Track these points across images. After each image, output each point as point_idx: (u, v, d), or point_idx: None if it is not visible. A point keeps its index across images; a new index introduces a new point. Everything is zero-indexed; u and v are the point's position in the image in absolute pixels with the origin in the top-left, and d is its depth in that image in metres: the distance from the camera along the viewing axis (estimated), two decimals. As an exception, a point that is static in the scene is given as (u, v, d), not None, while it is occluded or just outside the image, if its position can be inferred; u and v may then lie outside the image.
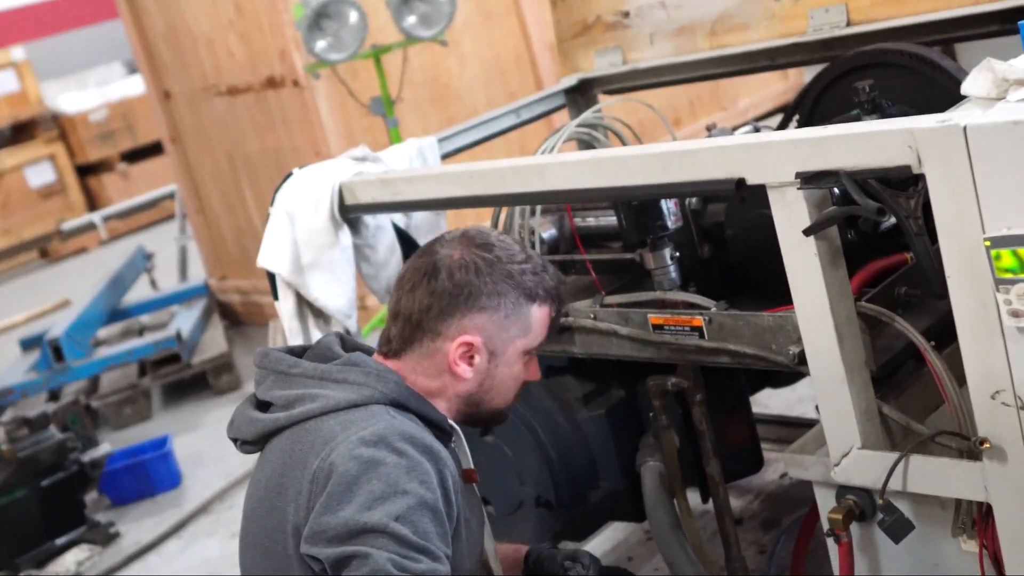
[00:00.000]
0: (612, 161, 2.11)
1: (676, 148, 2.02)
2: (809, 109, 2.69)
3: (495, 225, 2.57)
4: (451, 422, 1.99)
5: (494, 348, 1.98)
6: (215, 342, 5.74)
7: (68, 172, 10.27)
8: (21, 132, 10.30)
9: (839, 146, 1.79)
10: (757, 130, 2.91)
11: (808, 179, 1.82)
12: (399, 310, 1.99)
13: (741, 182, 1.91)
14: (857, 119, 2.33)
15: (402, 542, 1.72)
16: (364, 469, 1.77)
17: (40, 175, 10.15)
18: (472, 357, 1.97)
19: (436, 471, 1.82)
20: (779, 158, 1.86)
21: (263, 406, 1.99)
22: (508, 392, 2.04)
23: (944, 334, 1.97)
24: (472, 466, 2.06)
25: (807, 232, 1.86)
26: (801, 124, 2.70)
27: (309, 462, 1.83)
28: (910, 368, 2.18)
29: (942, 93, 2.39)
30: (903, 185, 1.85)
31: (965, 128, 1.64)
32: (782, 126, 2.77)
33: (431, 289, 1.95)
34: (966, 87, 1.79)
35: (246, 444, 1.99)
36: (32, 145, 10.19)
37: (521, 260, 1.99)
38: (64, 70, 10.85)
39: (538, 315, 2.01)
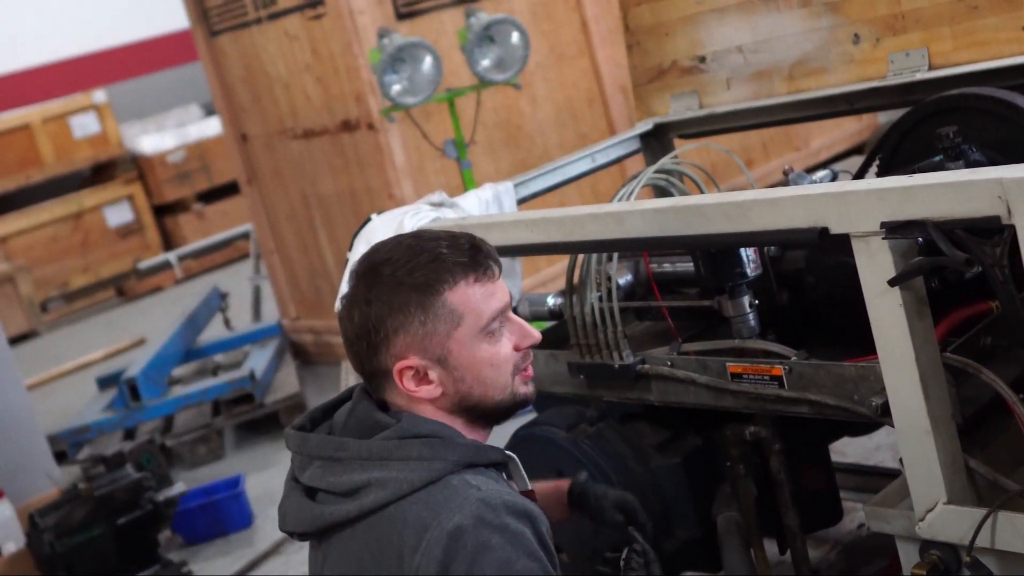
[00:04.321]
0: (693, 209, 2.09)
1: (758, 196, 2.01)
2: (890, 154, 2.66)
3: (571, 272, 2.56)
4: (506, 452, 1.91)
5: (435, 354, 1.84)
6: (288, 382, 5.78)
7: (145, 212, 10.46)
8: (101, 173, 10.52)
9: (926, 196, 1.76)
10: (835, 175, 2.89)
11: (894, 229, 1.80)
12: (355, 370, 1.94)
13: (824, 231, 1.89)
14: (941, 165, 2.30)
15: None
16: (474, 558, 1.69)
17: (119, 215, 10.35)
18: (424, 375, 1.85)
19: (534, 532, 1.76)
20: (864, 207, 1.84)
21: (311, 492, 1.87)
22: (495, 375, 1.88)
23: (1033, 386, 1.93)
24: (530, 487, 1.98)
25: (893, 282, 1.83)
26: (881, 169, 2.66)
27: (405, 556, 1.73)
28: (997, 421, 2.13)
29: (1027, 138, 2.36)
30: (988, 233, 1.82)
31: (1057, 178, 1.61)
32: (861, 171, 2.74)
33: (351, 341, 1.88)
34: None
35: (304, 536, 1.90)
36: (111, 185, 10.41)
37: (407, 260, 1.84)
38: (143, 112, 11.08)
39: (457, 297, 1.84)
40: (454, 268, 1.85)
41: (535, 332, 1.94)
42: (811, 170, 2.88)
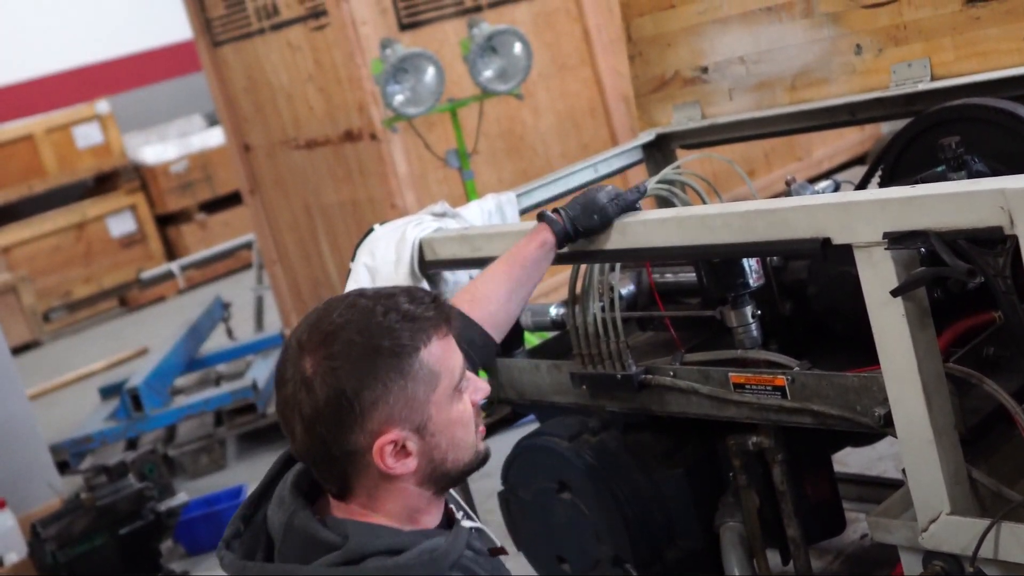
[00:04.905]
0: (695, 219, 2.09)
1: (760, 207, 2.01)
2: (892, 164, 2.66)
3: (573, 282, 2.56)
4: (460, 522, 1.78)
5: (416, 423, 1.68)
6: (290, 392, 5.77)
7: (148, 222, 10.47)
8: (104, 183, 10.54)
9: (929, 206, 1.77)
10: (838, 186, 2.89)
11: (896, 239, 1.80)
12: (301, 456, 1.72)
13: (827, 242, 1.89)
14: (943, 176, 2.30)
15: None
16: None
17: (121, 225, 10.36)
18: (403, 447, 1.67)
19: None
20: (866, 218, 1.84)
21: None
22: (465, 435, 1.75)
23: (1036, 396, 1.93)
24: (497, 544, 1.88)
25: (895, 293, 1.84)
26: (884, 180, 2.67)
27: None
28: (1000, 431, 2.12)
29: (1029, 149, 2.36)
30: (991, 243, 1.82)
31: (1059, 189, 1.62)
32: (864, 182, 2.75)
33: (309, 423, 1.65)
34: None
35: None
36: (114, 195, 10.42)
37: (372, 322, 1.66)
38: (146, 122, 11.10)
39: (433, 355, 1.68)
40: (426, 325, 1.69)
41: (486, 385, 1.82)
42: (813, 180, 2.89)
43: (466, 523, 1.82)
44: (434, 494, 1.75)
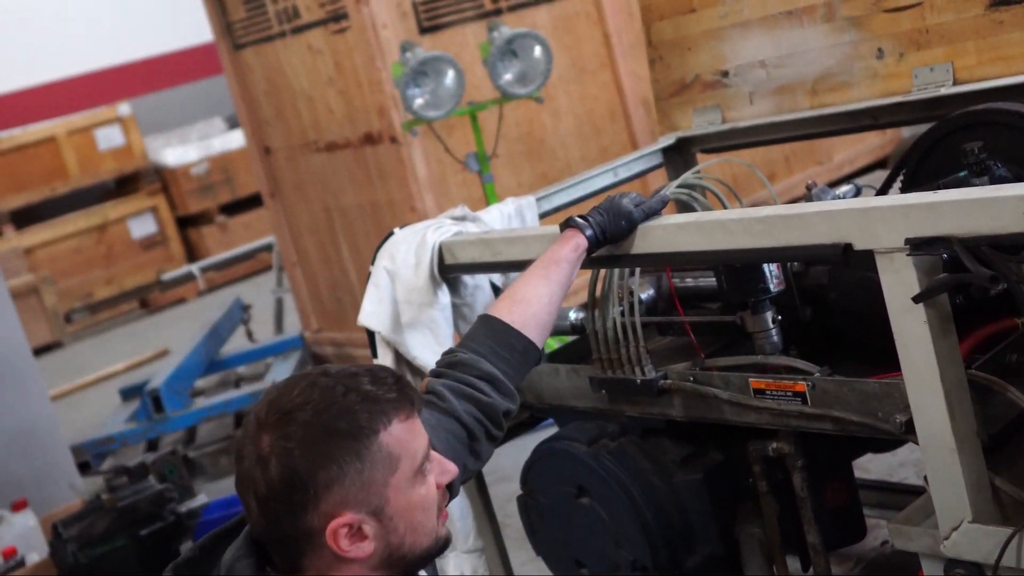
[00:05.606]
0: (715, 224, 2.09)
1: (781, 212, 2.00)
2: (914, 169, 2.65)
3: (593, 286, 2.55)
4: None
5: (373, 506, 1.65)
6: (310, 394, 5.79)
7: (169, 224, 10.53)
8: (125, 185, 10.60)
9: (952, 212, 1.75)
10: (859, 190, 2.88)
11: (918, 245, 1.79)
12: (256, 533, 1.70)
13: (848, 248, 1.88)
14: (966, 181, 2.29)
15: None
16: None
17: (142, 226, 10.41)
18: (359, 530, 1.65)
19: None
20: (888, 224, 1.83)
21: None
22: (425, 520, 1.72)
23: (1059, 404, 1.91)
24: None
25: (917, 299, 1.82)
26: (906, 184, 2.65)
27: None
28: (1022, 439, 2.11)
29: (1053, 154, 2.35)
30: (1014, 249, 1.81)
31: (1084, 195, 1.60)
32: (885, 186, 2.73)
33: (263, 501, 1.63)
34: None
35: None
36: (135, 197, 10.48)
37: (330, 402, 1.63)
38: (168, 125, 11.15)
39: (392, 437, 1.66)
40: (387, 407, 1.66)
41: (453, 466, 1.80)
42: (834, 184, 2.87)
43: None
44: None
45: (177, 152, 10.57)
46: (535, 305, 2.24)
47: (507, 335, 2.18)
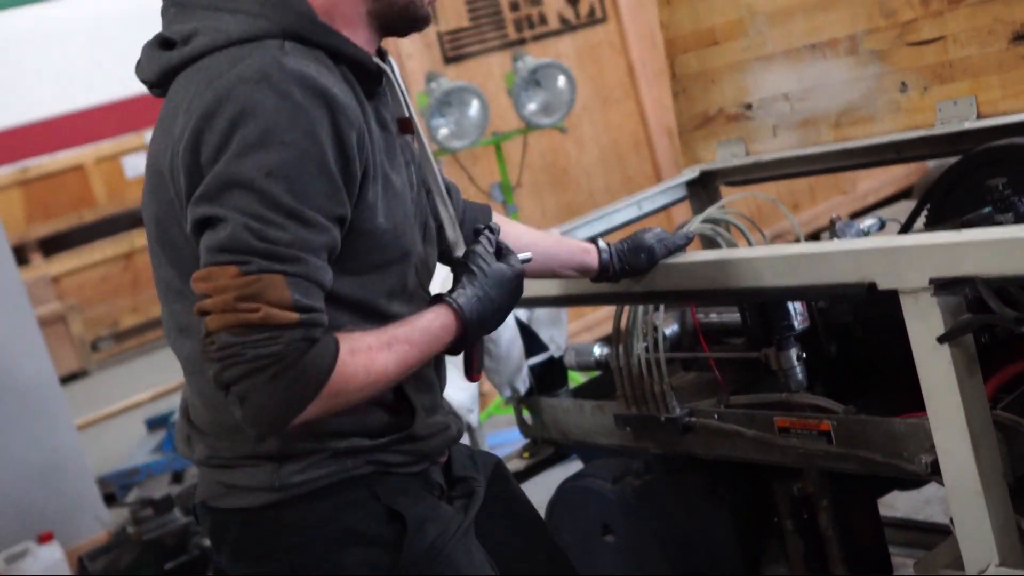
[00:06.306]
0: (741, 263, 2.09)
1: (806, 250, 2.00)
2: (939, 204, 2.64)
3: (617, 321, 2.55)
4: (377, 61, 1.73)
5: None
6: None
7: (195, 252, 10.58)
8: (152, 213, 10.65)
9: (976, 252, 1.74)
10: (883, 224, 2.87)
11: (943, 286, 1.78)
12: None
13: (872, 287, 1.87)
14: (990, 217, 2.28)
15: (269, 202, 1.52)
16: (240, 112, 1.53)
17: (169, 255, 10.47)
18: None
19: (330, 119, 1.57)
20: (912, 264, 1.82)
21: (166, 43, 1.72)
22: None
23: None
24: (409, 114, 1.82)
25: (942, 340, 1.81)
26: (930, 219, 2.64)
27: (193, 104, 1.59)
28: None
29: (1078, 189, 2.34)
30: (1041, 287, 1.80)
31: (1109, 237, 1.59)
32: (910, 221, 2.72)
33: None
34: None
35: (153, 87, 1.75)
36: (162, 225, 10.53)
37: None
38: (194, 153, 11.22)
39: None
40: None
41: None
42: (858, 215, 2.87)
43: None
44: (369, 25, 1.74)
45: (204, 180, 10.64)
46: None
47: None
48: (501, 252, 1.86)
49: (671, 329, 2.71)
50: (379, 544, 1.74)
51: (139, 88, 1.87)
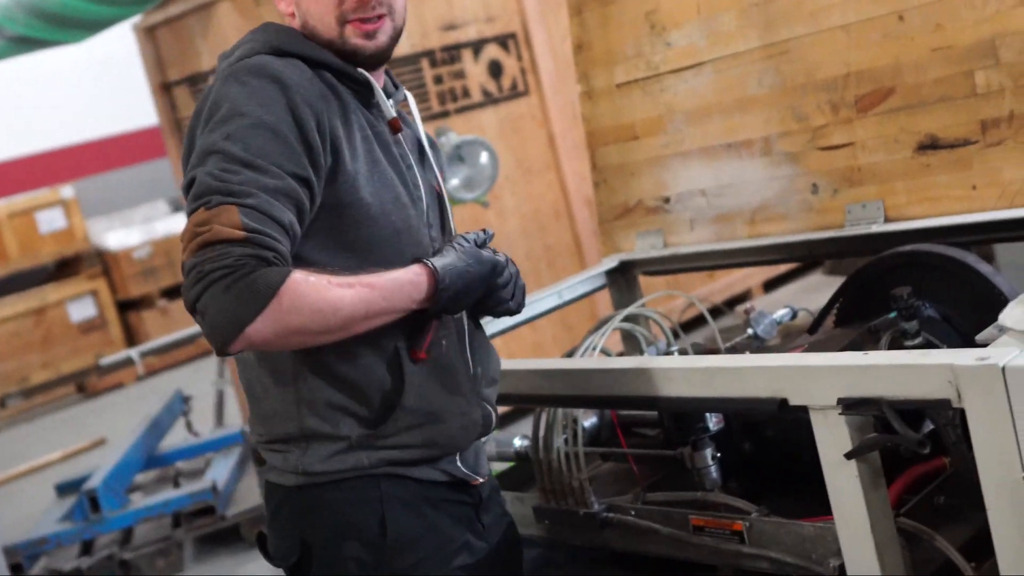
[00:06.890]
0: (658, 372, 2.16)
1: (721, 364, 2.08)
2: (847, 304, 2.74)
3: (538, 415, 2.61)
4: (362, 71, 1.99)
5: None
6: (251, 493, 5.75)
7: (109, 307, 10.43)
8: (65, 268, 10.50)
9: (881, 376, 1.84)
10: (795, 313, 2.98)
11: (850, 406, 1.87)
12: None
13: (784, 403, 1.96)
14: (895, 323, 2.38)
15: (228, 157, 1.80)
16: (214, 103, 1.87)
17: (81, 310, 10.31)
18: None
19: (283, 96, 1.85)
20: (822, 383, 1.91)
21: None
22: (320, 12, 1.99)
23: (984, 547, 1.98)
24: (398, 115, 2.06)
25: (849, 456, 1.90)
26: (839, 318, 2.74)
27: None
28: (952, 582, 2.18)
29: (978, 295, 2.46)
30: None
31: (1004, 368, 1.69)
32: (820, 318, 2.82)
33: None
34: (1004, 318, 1.84)
35: None
36: (75, 281, 10.38)
37: None
38: (111, 207, 11.10)
39: None
40: None
41: None
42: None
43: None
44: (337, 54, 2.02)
45: (119, 235, 10.51)
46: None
47: None
48: (484, 245, 2.08)
49: (590, 421, 2.78)
50: (372, 547, 1.93)
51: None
